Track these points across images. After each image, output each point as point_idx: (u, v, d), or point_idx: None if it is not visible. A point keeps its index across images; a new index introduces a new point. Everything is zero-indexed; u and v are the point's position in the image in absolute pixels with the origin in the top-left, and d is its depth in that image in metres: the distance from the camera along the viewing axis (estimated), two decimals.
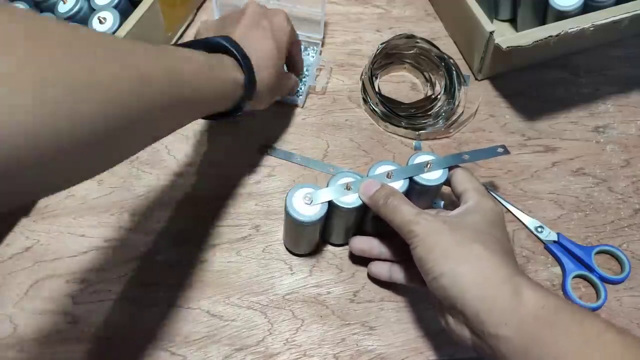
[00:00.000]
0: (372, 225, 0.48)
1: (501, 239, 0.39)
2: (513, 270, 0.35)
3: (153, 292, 0.49)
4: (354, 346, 0.46)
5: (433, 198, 0.50)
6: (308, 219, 0.43)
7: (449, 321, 0.37)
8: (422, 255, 0.38)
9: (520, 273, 0.36)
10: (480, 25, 0.55)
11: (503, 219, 0.41)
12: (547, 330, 0.32)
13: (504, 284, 0.34)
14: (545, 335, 0.32)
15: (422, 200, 0.46)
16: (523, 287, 0.34)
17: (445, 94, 0.58)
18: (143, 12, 0.55)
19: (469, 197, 0.42)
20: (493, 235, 0.38)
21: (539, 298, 0.33)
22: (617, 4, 0.53)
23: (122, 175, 0.55)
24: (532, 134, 0.58)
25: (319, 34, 0.61)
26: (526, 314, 0.33)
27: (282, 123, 0.58)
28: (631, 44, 0.64)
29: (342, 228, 0.48)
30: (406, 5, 0.68)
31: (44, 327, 0.47)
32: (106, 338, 0.46)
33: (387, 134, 0.58)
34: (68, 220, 0.52)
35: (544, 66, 0.62)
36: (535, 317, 0.32)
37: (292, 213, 0.43)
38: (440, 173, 0.44)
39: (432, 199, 0.50)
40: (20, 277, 0.49)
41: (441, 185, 0.45)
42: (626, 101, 0.60)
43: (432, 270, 0.37)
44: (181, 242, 0.51)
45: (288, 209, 0.43)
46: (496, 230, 0.39)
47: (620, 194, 0.54)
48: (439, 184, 0.44)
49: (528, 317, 0.33)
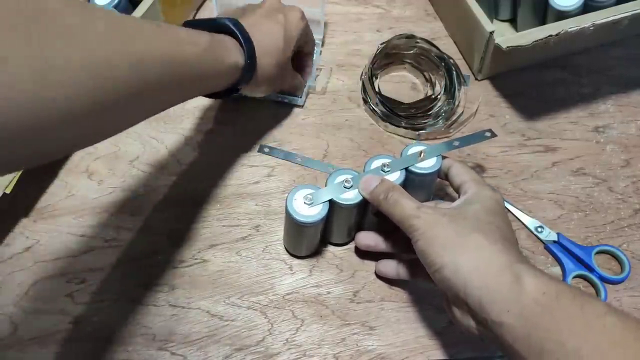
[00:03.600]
0: (372, 222, 0.48)
1: (502, 226, 0.39)
2: (515, 257, 0.36)
3: (153, 292, 0.49)
4: (354, 346, 0.46)
5: (430, 189, 0.50)
6: (310, 220, 0.43)
7: (455, 313, 0.37)
8: (423, 248, 0.38)
9: (521, 260, 0.36)
10: (480, 25, 0.55)
11: (503, 206, 0.41)
12: (548, 315, 0.32)
13: (504, 272, 0.34)
14: (547, 321, 0.32)
15: (419, 192, 0.46)
16: (524, 274, 0.34)
17: (445, 94, 0.58)
18: (143, 12, 0.55)
19: (467, 188, 0.42)
20: (493, 223, 0.38)
21: (540, 284, 0.33)
22: (617, 4, 0.53)
23: (122, 175, 0.55)
24: (532, 134, 0.58)
25: (319, 34, 0.61)
26: (527, 300, 0.33)
27: (282, 123, 0.58)
28: (631, 44, 0.64)
29: (344, 226, 0.48)
30: (406, 5, 0.68)
31: (44, 327, 0.47)
32: (106, 338, 0.46)
33: (387, 134, 0.58)
34: (68, 220, 0.52)
35: (544, 66, 0.62)
36: (537, 303, 0.33)
37: (293, 214, 0.43)
38: (434, 161, 0.45)
39: (429, 190, 0.50)
40: (20, 277, 0.49)
41: (436, 173, 0.46)
42: (626, 101, 0.60)
43: (434, 263, 0.37)
44: (181, 242, 0.51)
45: (289, 211, 0.43)
46: (496, 218, 0.39)
47: (620, 194, 0.54)
48: (433, 172, 0.45)
49: (529, 304, 0.33)
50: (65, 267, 0.50)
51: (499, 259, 0.35)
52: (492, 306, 0.34)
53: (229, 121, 0.59)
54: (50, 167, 0.55)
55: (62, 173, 0.55)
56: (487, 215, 0.39)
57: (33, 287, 0.49)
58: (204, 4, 0.67)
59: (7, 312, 0.48)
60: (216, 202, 0.53)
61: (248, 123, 0.58)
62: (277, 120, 0.58)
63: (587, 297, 0.33)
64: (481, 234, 0.37)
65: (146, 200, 0.53)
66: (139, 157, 0.56)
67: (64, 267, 0.50)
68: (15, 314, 0.47)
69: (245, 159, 0.56)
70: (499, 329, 0.33)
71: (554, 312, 0.32)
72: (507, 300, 0.33)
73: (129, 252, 0.51)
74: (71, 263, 0.50)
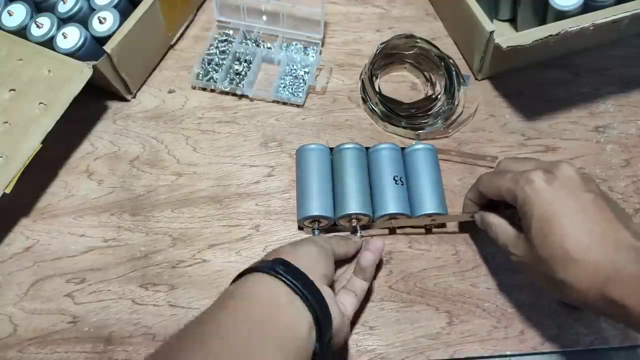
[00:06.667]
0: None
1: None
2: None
3: (153, 292, 0.49)
4: (354, 346, 0.46)
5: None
6: None
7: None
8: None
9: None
10: (480, 25, 0.55)
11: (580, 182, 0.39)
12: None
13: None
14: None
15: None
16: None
17: (445, 94, 0.58)
18: (143, 12, 0.55)
19: (524, 213, 0.39)
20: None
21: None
22: (617, 3, 0.53)
23: (122, 175, 0.55)
24: (532, 133, 0.58)
25: (319, 34, 0.61)
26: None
27: (282, 123, 0.58)
28: (631, 44, 0.64)
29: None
30: (406, 5, 0.68)
31: (44, 327, 0.47)
32: (106, 338, 0.46)
33: (387, 133, 0.58)
34: (68, 220, 0.52)
35: (544, 66, 0.62)
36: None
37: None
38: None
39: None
40: (20, 277, 0.49)
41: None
42: (626, 101, 0.60)
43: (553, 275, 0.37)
44: (181, 242, 0.51)
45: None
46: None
47: (621, 193, 0.54)
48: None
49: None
50: (65, 267, 0.50)
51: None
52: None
53: (229, 121, 0.59)
54: (50, 167, 0.55)
55: (62, 173, 0.55)
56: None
57: (33, 287, 0.49)
58: (203, 4, 0.67)
59: (7, 312, 0.48)
60: (216, 202, 0.53)
61: (248, 123, 0.58)
62: (277, 120, 0.58)
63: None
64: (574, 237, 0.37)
65: (146, 200, 0.53)
66: (139, 157, 0.56)
67: (64, 267, 0.50)
68: (15, 314, 0.48)
69: (245, 159, 0.56)
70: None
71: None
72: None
73: (129, 252, 0.51)
74: (71, 263, 0.50)
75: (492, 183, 0.42)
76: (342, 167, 0.51)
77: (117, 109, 0.59)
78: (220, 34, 0.63)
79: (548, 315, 0.47)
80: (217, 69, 0.60)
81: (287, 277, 0.36)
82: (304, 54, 0.62)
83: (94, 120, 0.58)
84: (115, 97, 0.60)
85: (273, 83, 0.60)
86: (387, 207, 0.48)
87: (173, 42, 0.64)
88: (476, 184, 0.45)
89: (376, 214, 0.49)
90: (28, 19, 0.55)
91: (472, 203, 0.47)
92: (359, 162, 0.51)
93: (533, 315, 0.47)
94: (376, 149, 0.52)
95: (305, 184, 0.50)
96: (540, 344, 0.46)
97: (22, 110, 0.50)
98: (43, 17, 0.54)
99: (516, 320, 0.47)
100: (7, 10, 0.55)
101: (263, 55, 0.62)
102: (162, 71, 0.62)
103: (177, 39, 0.64)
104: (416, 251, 0.51)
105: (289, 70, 0.61)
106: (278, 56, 0.61)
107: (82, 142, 0.57)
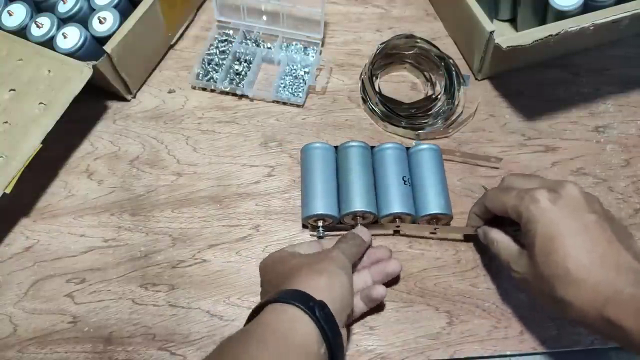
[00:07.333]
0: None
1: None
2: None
3: (153, 292, 0.49)
4: (354, 346, 0.46)
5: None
6: None
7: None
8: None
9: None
10: (480, 25, 0.55)
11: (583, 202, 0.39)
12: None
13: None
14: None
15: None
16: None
17: (445, 93, 0.58)
18: (143, 12, 0.55)
19: (527, 231, 0.40)
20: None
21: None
22: (617, 3, 0.53)
23: (122, 175, 0.55)
24: (532, 133, 0.58)
25: (319, 34, 0.61)
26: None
27: (282, 123, 0.58)
28: (631, 44, 0.64)
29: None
30: (406, 5, 0.68)
31: (44, 327, 0.47)
32: (106, 338, 0.46)
33: (387, 133, 0.58)
34: (68, 220, 0.52)
35: (544, 66, 0.62)
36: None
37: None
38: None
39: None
40: (20, 277, 0.49)
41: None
42: (626, 101, 0.60)
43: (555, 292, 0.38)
44: (181, 242, 0.51)
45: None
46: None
47: (621, 193, 0.54)
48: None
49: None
50: (65, 267, 0.50)
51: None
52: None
53: (229, 121, 0.59)
54: (50, 167, 0.55)
55: (62, 173, 0.55)
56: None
57: (33, 287, 0.49)
58: (203, 4, 0.67)
59: (7, 312, 0.48)
60: (216, 202, 0.53)
61: (248, 123, 0.58)
62: (277, 120, 0.59)
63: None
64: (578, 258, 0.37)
65: (146, 200, 0.53)
66: (139, 157, 0.56)
67: (64, 267, 0.50)
68: (15, 314, 0.48)
69: (245, 159, 0.56)
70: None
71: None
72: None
73: (129, 252, 0.51)
74: (71, 263, 0.50)
75: (498, 199, 0.43)
76: (347, 165, 0.51)
77: (117, 109, 0.59)
78: (220, 34, 0.63)
79: (548, 316, 0.47)
80: (217, 69, 0.60)
81: (324, 327, 0.37)
82: (304, 54, 0.62)
83: (94, 120, 0.58)
84: (115, 97, 0.60)
85: (273, 83, 0.60)
86: (392, 206, 0.48)
87: (173, 42, 0.64)
88: (482, 199, 0.46)
89: (381, 213, 0.49)
90: (28, 19, 0.55)
91: (477, 217, 0.47)
92: (364, 160, 0.51)
93: (533, 316, 0.47)
94: (381, 148, 0.52)
95: (309, 183, 0.50)
96: (540, 344, 0.46)
97: (22, 110, 0.50)
98: (43, 17, 0.54)
99: (516, 320, 0.47)
100: (7, 10, 0.55)
101: (263, 55, 0.62)
102: (162, 71, 0.62)
103: (177, 39, 0.64)
104: (416, 251, 0.51)
105: (289, 70, 0.61)
106: (278, 56, 0.61)
107: (82, 142, 0.57)
